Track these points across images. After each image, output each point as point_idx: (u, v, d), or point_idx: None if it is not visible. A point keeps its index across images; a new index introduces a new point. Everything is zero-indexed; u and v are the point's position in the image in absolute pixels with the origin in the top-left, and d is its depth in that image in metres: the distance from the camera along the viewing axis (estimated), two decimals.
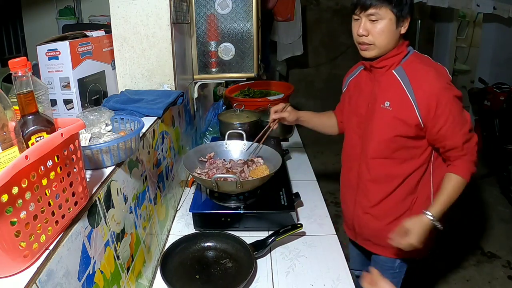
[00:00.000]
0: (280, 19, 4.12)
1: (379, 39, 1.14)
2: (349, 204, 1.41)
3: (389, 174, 1.25)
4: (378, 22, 1.12)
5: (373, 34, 1.13)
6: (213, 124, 1.96)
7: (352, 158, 1.35)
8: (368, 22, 1.13)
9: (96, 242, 0.71)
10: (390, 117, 1.18)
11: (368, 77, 1.28)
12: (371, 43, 1.15)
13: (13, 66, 0.57)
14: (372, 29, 1.13)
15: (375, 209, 1.30)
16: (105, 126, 0.95)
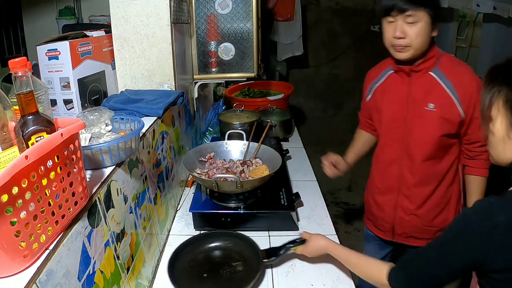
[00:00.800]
0: (280, 19, 4.12)
1: (415, 41, 1.14)
2: (386, 209, 1.40)
3: (433, 174, 1.29)
4: (415, 25, 1.13)
5: (410, 36, 1.14)
6: (213, 124, 1.96)
7: (390, 164, 1.34)
8: (405, 24, 1.14)
9: (96, 242, 0.71)
10: (436, 118, 1.20)
11: (401, 81, 1.27)
12: (407, 45, 1.16)
13: (13, 66, 0.57)
14: (409, 31, 1.14)
15: (419, 210, 1.33)
16: (105, 126, 0.95)
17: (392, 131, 1.31)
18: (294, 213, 1.26)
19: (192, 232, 1.27)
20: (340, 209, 3.22)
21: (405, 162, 1.30)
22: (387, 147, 1.34)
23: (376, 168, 1.43)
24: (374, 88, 1.38)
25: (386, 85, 1.33)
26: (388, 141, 1.34)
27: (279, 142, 1.83)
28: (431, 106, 1.21)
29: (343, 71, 5.16)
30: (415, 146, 1.26)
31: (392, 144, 1.32)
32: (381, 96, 1.34)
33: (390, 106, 1.30)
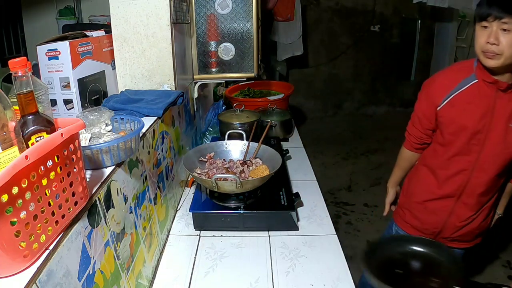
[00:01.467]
0: (280, 19, 4.13)
1: (508, 50, 1.11)
2: (440, 214, 1.40)
3: (498, 185, 1.33)
4: (509, 33, 1.10)
5: (503, 44, 1.11)
6: (213, 124, 1.96)
7: (457, 173, 1.32)
8: (499, 31, 1.11)
9: (96, 242, 0.71)
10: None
11: (488, 93, 1.22)
12: (499, 52, 1.12)
13: (13, 66, 0.57)
14: (503, 39, 1.10)
15: (474, 217, 1.36)
16: (105, 126, 0.95)
17: (469, 143, 1.27)
18: (294, 213, 1.26)
19: (192, 232, 1.27)
20: (340, 209, 3.22)
21: (476, 174, 1.29)
22: (459, 157, 1.31)
23: (436, 175, 1.39)
24: (453, 96, 1.28)
25: (470, 95, 1.25)
26: (462, 152, 1.29)
27: (279, 142, 1.83)
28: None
29: (343, 71, 5.17)
30: (492, 160, 1.25)
31: (465, 155, 1.29)
32: (462, 106, 1.26)
33: (473, 118, 1.25)
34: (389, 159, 4.01)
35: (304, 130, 3.55)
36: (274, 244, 1.21)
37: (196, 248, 1.19)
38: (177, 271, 1.10)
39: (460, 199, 1.34)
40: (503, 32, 1.10)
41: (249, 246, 1.20)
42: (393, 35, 5.05)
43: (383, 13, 4.95)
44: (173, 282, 1.06)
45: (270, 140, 1.81)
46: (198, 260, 1.14)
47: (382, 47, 5.04)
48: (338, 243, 1.22)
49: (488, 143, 1.24)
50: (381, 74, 5.17)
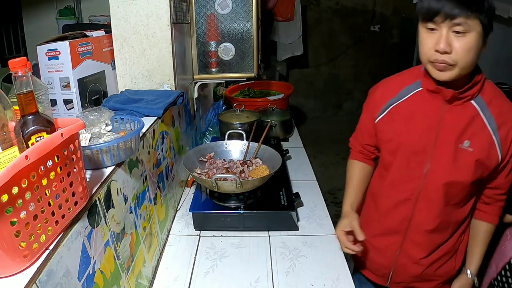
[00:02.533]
0: (280, 19, 4.13)
1: (464, 58, 0.86)
2: (387, 253, 1.16)
3: (453, 220, 1.08)
4: (464, 36, 0.85)
5: (457, 51, 0.86)
6: (213, 124, 1.96)
7: (399, 204, 1.09)
8: (451, 34, 0.86)
9: (96, 242, 0.71)
10: (470, 161, 0.96)
11: (433, 105, 0.99)
12: (453, 62, 0.87)
13: (13, 66, 0.57)
14: (456, 44, 0.86)
15: (427, 259, 1.12)
16: (105, 126, 0.95)
17: (410, 166, 1.04)
18: (294, 213, 1.26)
19: (192, 232, 1.27)
20: (340, 209, 3.21)
21: (421, 205, 1.05)
22: (400, 185, 1.07)
23: (376, 205, 1.18)
24: (392, 107, 1.07)
25: (411, 106, 1.03)
26: (402, 177, 1.07)
27: (279, 142, 1.83)
28: (466, 144, 0.96)
29: (343, 71, 5.17)
30: (439, 188, 1.01)
31: (406, 181, 1.06)
32: (402, 120, 1.04)
33: (414, 134, 1.02)
34: None
35: (304, 130, 3.55)
36: (274, 244, 1.21)
37: (196, 248, 1.19)
38: (177, 271, 1.10)
39: (407, 235, 1.10)
40: (456, 36, 0.86)
41: (249, 246, 1.20)
42: (393, 35, 5.05)
43: (383, 13, 4.95)
44: (173, 282, 1.06)
45: (270, 140, 1.81)
46: (198, 260, 1.14)
47: (382, 47, 5.03)
48: (338, 243, 1.22)
49: (433, 167, 1.00)
50: (381, 74, 5.16)
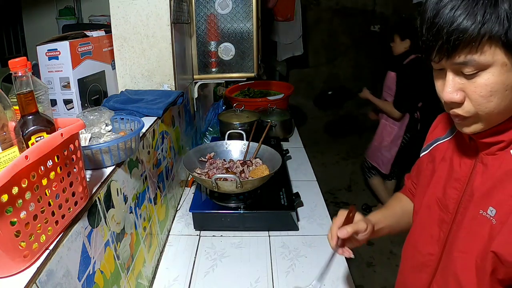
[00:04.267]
0: (280, 19, 4.13)
1: (485, 107, 0.58)
2: None
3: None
4: (479, 76, 0.57)
5: (472, 98, 0.59)
6: (213, 124, 1.96)
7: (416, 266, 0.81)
8: (460, 76, 0.59)
9: (96, 242, 0.71)
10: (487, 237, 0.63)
11: (468, 151, 0.71)
12: (468, 115, 0.60)
13: (13, 66, 0.57)
14: (470, 89, 0.58)
15: None
16: (105, 126, 0.95)
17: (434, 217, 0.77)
18: (294, 213, 1.26)
19: (192, 232, 1.27)
20: (340, 209, 3.22)
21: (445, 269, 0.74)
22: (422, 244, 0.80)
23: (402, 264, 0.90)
24: (435, 145, 0.82)
25: (450, 147, 0.77)
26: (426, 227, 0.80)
27: (279, 142, 1.83)
28: (490, 211, 0.63)
29: (343, 71, 5.16)
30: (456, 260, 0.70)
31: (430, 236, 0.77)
32: (439, 161, 0.79)
33: (443, 181, 0.76)
34: None
35: (304, 130, 3.55)
36: (274, 244, 1.21)
37: (196, 248, 1.19)
38: (177, 271, 1.10)
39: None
40: (466, 78, 0.58)
41: (249, 246, 1.20)
42: None
43: (383, 13, 4.95)
44: (173, 282, 1.06)
45: (270, 140, 1.81)
46: (198, 260, 1.14)
47: (382, 47, 5.03)
48: None
49: (453, 232, 0.72)
50: (381, 74, 5.17)
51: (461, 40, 0.54)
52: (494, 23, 0.52)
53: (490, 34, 0.53)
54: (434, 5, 0.56)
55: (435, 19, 0.56)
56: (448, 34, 0.55)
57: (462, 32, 0.53)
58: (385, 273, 2.45)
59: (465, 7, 0.53)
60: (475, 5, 0.53)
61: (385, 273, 2.45)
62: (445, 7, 0.55)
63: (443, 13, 0.55)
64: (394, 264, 2.46)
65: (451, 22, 0.54)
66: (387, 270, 2.47)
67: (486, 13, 0.52)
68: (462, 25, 0.53)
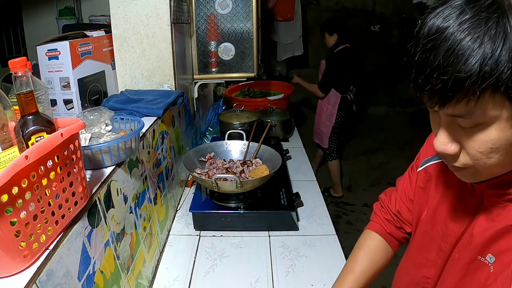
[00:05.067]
0: (280, 19, 4.13)
1: (485, 162, 0.50)
2: None
3: None
4: (479, 130, 0.47)
5: (469, 152, 0.50)
6: (213, 124, 1.96)
7: (419, 282, 0.74)
8: (456, 125, 0.50)
9: (96, 242, 0.71)
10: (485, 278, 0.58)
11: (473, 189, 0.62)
12: (463, 166, 0.53)
13: (13, 66, 0.57)
14: (467, 141, 0.49)
15: None
16: (105, 126, 0.95)
17: (429, 245, 0.71)
18: (294, 213, 1.26)
19: (192, 232, 1.27)
20: (340, 209, 3.22)
21: None
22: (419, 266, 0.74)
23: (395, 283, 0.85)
24: (432, 163, 0.75)
25: (445, 173, 0.70)
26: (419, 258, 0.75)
27: (279, 142, 1.83)
28: (489, 258, 0.58)
29: None
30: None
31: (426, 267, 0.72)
32: (435, 186, 0.72)
33: (442, 212, 0.69)
34: (389, 159, 4.03)
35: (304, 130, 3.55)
36: (274, 244, 1.21)
37: (196, 248, 1.19)
38: (177, 271, 1.10)
39: None
40: (464, 130, 0.49)
41: (249, 246, 1.20)
42: (393, 35, 5.05)
43: (383, 13, 4.95)
44: (173, 282, 1.06)
45: (270, 140, 1.81)
46: (198, 260, 1.14)
47: (382, 47, 5.03)
48: (338, 243, 1.22)
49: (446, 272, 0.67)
50: (381, 74, 5.17)
51: (455, 93, 0.43)
52: (503, 67, 0.40)
53: (496, 82, 0.41)
54: (426, 42, 0.45)
55: (426, 62, 0.44)
56: (439, 84, 0.43)
57: (457, 83, 0.42)
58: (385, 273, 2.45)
59: (466, 48, 0.41)
60: (480, 44, 0.40)
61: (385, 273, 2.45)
62: (439, 47, 0.43)
63: (437, 54, 0.43)
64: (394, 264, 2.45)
65: (444, 69, 0.42)
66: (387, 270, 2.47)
67: (494, 54, 0.40)
68: (459, 74, 0.41)
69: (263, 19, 2.91)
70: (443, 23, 0.43)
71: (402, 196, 0.84)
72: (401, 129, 4.77)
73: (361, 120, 5.25)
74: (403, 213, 0.84)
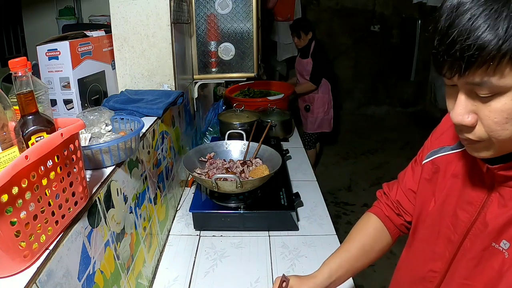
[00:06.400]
0: (280, 19, 4.13)
1: (500, 134, 0.51)
2: None
3: None
4: (495, 100, 0.49)
5: (485, 123, 0.51)
6: (213, 124, 1.96)
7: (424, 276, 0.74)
8: (473, 97, 0.51)
9: (96, 242, 0.71)
10: (498, 270, 0.58)
11: (484, 174, 0.63)
12: (479, 139, 0.54)
13: (13, 66, 0.57)
14: (483, 112, 0.51)
15: None
16: (105, 126, 0.95)
17: (436, 238, 0.71)
18: (294, 213, 1.26)
19: (192, 232, 1.27)
20: (340, 209, 3.22)
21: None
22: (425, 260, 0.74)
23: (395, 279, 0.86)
24: (440, 155, 0.74)
25: (455, 163, 0.70)
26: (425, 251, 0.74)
27: (279, 142, 1.83)
28: (504, 244, 0.58)
29: (343, 71, 5.16)
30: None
31: (433, 260, 0.72)
32: (442, 178, 0.72)
33: (451, 202, 0.69)
34: (389, 159, 4.03)
35: None
36: (274, 244, 1.21)
37: (196, 248, 1.19)
38: (177, 271, 1.10)
39: None
40: (480, 100, 0.51)
41: (249, 246, 1.20)
42: (393, 35, 5.05)
43: (383, 13, 4.95)
44: (173, 282, 1.06)
45: (270, 140, 1.81)
46: (198, 260, 1.14)
47: (382, 47, 5.03)
48: (338, 243, 1.22)
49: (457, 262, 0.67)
50: (381, 74, 5.17)
51: (477, 58, 0.46)
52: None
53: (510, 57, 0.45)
54: (449, 12, 0.48)
55: (449, 30, 0.48)
56: (462, 49, 0.46)
57: (479, 48, 0.45)
58: (385, 273, 2.45)
59: (486, 17, 0.45)
60: (498, 17, 0.44)
61: (385, 273, 2.45)
62: (462, 16, 0.47)
63: (459, 23, 0.47)
64: (394, 264, 2.44)
65: (467, 35, 0.46)
66: (387, 270, 2.46)
67: (510, 28, 0.44)
68: (480, 40, 0.45)
69: (263, 19, 2.91)
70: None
71: (403, 186, 0.84)
72: (401, 129, 4.77)
73: (361, 120, 5.26)
74: (402, 202, 0.84)
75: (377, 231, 0.88)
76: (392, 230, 0.88)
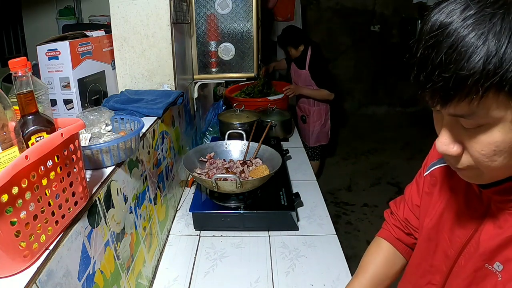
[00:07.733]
0: (280, 19, 4.13)
1: (488, 165, 0.48)
2: None
3: None
4: (482, 132, 0.46)
5: (472, 154, 0.48)
6: (213, 124, 1.96)
7: None
8: (459, 125, 0.48)
9: (96, 242, 0.71)
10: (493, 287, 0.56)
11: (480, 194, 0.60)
12: (465, 168, 0.51)
13: (13, 66, 0.57)
14: (470, 142, 0.48)
15: None
16: (105, 126, 0.95)
17: (434, 252, 0.70)
18: (294, 213, 1.26)
19: (192, 232, 1.27)
20: (340, 209, 3.22)
21: None
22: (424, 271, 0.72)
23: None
24: (438, 167, 0.72)
25: (450, 177, 0.68)
26: (423, 264, 0.73)
27: (279, 142, 1.83)
28: (496, 266, 0.57)
29: (343, 71, 5.16)
30: None
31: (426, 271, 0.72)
32: (439, 190, 0.71)
33: (449, 216, 0.67)
34: (389, 159, 4.03)
35: None
36: (274, 244, 1.21)
37: (196, 248, 1.19)
38: (177, 271, 1.10)
39: None
40: (466, 131, 0.47)
41: (249, 246, 1.20)
42: (393, 35, 5.05)
43: (383, 13, 4.95)
44: (173, 282, 1.06)
45: (270, 140, 1.81)
46: (198, 260, 1.14)
47: (382, 47, 5.03)
48: (338, 243, 1.22)
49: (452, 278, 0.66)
50: (381, 74, 5.17)
51: (457, 92, 0.41)
52: (508, 65, 0.38)
53: (501, 81, 0.39)
54: (429, 37, 0.43)
55: (428, 58, 0.43)
56: (441, 79, 0.41)
57: (460, 81, 0.40)
58: None
59: (469, 45, 0.39)
60: (484, 41, 0.39)
61: None
62: (442, 43, 0.41)
63: (440, 48, 0.41)
64: None
65: (447, 65, 0.41)
66: None
67: (499, 51, 0.38)
68: (462, 70, 0.40)
69: (263, 19, 2.91)
70: (447, 19, 0.42)
71: (409, 203, 0.82)
72: (401, 129, 4.77)
73: (361, 120, 5.26)
74: (411, 220, 0.82)
75: (390, 258, 0.85)
76: (404, 251, 0.85)
